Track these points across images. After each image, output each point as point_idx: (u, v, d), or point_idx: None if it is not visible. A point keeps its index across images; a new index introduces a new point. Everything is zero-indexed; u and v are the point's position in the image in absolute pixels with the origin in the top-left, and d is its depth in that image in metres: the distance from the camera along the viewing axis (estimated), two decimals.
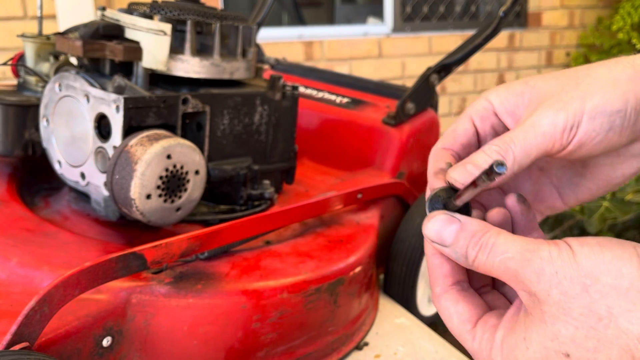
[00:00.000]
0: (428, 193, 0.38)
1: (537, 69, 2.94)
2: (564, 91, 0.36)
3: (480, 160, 0.35)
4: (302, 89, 1.14)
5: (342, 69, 2.40)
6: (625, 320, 0.27)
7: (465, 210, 0.36)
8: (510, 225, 0.38)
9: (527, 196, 0.40)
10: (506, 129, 0.38)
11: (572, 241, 0.30)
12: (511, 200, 0.38)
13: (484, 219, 0.37)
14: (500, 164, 0.30)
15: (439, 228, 0.34)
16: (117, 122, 0.64)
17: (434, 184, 0.37)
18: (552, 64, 3.00)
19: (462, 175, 0.35)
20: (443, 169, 0.37)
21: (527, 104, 0.37)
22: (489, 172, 0.32)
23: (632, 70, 0.35)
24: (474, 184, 0.33)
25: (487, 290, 0.38)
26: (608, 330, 0.28)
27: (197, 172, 0.66)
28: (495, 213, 0.37)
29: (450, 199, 0.36)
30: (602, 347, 0.28)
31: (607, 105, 0.34)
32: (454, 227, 0.33)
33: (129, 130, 0.64)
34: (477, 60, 2.66)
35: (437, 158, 0.39)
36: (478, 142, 0.39)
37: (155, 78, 0.73)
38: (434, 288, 0.36)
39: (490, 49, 2.74)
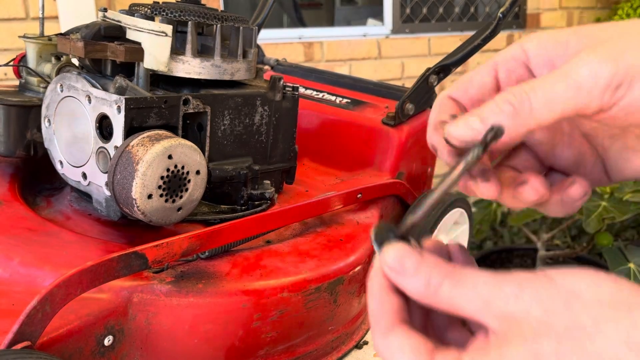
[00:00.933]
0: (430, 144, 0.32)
1: None
2: (622, 39, 0.28)
3: (488, 113, 0.29)
4: (302, 90, 1.14)
5: (342, 69, 2.40)
6: (613, 329, 0.26)
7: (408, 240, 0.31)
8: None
9: (568, 166, 0.34)
10: None
11: (538, 272, 0.28)
12: (455, 250, 0.34)
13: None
14: (498, 130, 0.26)
15: (400, 257, 0.30)
16: (118, 123, 0.65)
17: (432, 140, 0.32)
18: None
19: (463, 131, 0.29)
20: (445, 122, 0.32)
21: (571, 56, 0.29)
22: (484, 139, 0.27)
23: None
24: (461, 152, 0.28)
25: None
26: (596, 342, 0.26)
27: (198, 172, 0.66)
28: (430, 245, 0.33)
29: (397, 230, 0.31)
30: (588, 359, 0.26)
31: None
32: (415, 257, 0.29)
33: (131, 130, 0.65)
34: (476, 61, 2.67)
35: (441, 108, 0.33)
36: None
37: (157, 79, 0.73)
38: (379, 325, 0.30)
39: (489, 49, 2.75)
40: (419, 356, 0.29)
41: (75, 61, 0.83)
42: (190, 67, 0.72)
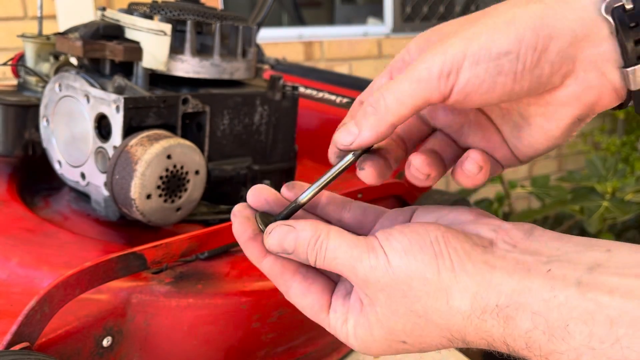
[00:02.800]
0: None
1: None
2: (455, 33, 0.32)
3: (359, 117, 0.34)
4: (302, 89, 1.14)
5: (342, 69, 2.40)
6: (437, 317, 0.32)
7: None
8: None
9: (482, 147, 0.38)
10: None
11: (384, 244, 0.33)
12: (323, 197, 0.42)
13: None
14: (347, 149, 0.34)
15: (279, 240, 0.35)
16: (117, 122, 0.64)
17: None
18: None
19: (344, 137, 0.35)
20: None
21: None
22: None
23: (540, 5, 0.31)
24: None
25: None
26: (428, 325, 0.33)
27: (197, 172, 0.66)
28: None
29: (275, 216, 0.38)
30: (426, 334, 0.33)
31: (492, 48, 0.30)
32: (292, 236, 0.35)
33: (129, 130, 0.65)
34: None
35: (352, 110, 0.39)
36: None
37: (155, 78, 0.73)
38: (279, 287, 0.38)
39: None
40: (316, 315, 0.37)
41: (73, 60, 0.82)
42: (189, 67, 0.72)
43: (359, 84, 1.16)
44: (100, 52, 0.68)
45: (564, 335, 0.28)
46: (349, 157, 0.36)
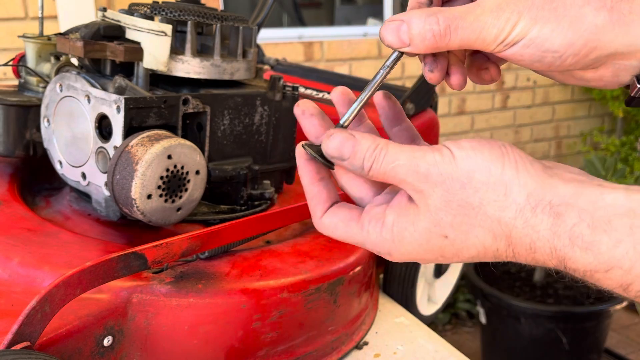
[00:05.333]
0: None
1: None
2: (532, 4, 0.36)
3: (418, 26, 0.37)
4: (302, 90, 1.14)
5: (342, 69, 2.40)
6: (491, 208, 0.35)
7: None
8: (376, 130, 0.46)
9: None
10: None
11: (451, 145, 0.36)
12: (378, 97, 0.46)
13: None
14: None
15: (338, 144, 0.38)
16: (117, 123, 0.65)
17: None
18: None
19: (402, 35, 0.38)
20: (423, 2, 0.41)
21: None
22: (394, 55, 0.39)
23: (606, 17, 0.35)
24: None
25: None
26: (478, 216, 0.35)
27: (197, 172, 0.66)
28: (362, 128, 0.46)
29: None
30: (472, 229, 0.35)
31: (546, 42, 0.36)
32: (350, 143, 0.38)
33: (130, 130, 0.65)
34: None
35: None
36: None
37: (156, 78, 0.73)
38: (315, 213, 0.41)
39: None
40: (348, 225, 0.40)
41: (74, 61, 0.83)
42: (189, 67, 0.72)
43: (359, 85, 1.17)
44: (101, 52, 0.68)
45: (606, 228, 0.32)
46: (395, 55, 0.39)
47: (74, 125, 0.71)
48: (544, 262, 0.35)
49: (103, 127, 0.68)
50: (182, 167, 0.64)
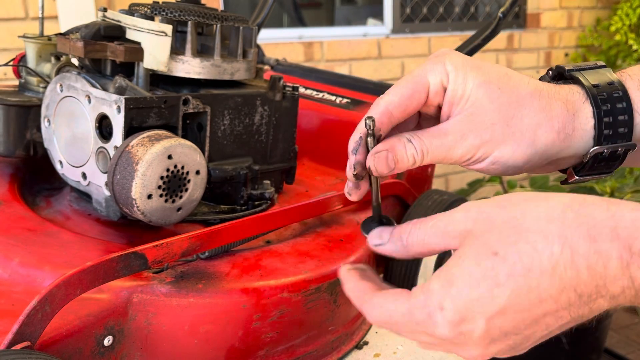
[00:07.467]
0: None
1: (536, 69, 2.95)
2: (500, 121, 0.42)
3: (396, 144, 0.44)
4: (302, 90, 1.14)
5: (342, 69, 2.40)
6: (535, 213, 0.35)
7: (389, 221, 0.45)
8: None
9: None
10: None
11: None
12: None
13: None
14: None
15: (379, 233, 0.43)
16: (118, 123, 0.65)
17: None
18: (551, 65, 3.00)
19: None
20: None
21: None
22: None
23: (555, 135, 0.43)
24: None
25: None
26: (525, 224, 0.35)
27: (197, 172, 0.66)
28: None
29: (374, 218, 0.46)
30: (520, 236, 0.34)
31: (509, 159, 0.43)
32: (388, 230, 0.42)
33: (130, 130, 0.65)
34: None
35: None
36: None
37: (156, 79, 0.73)
38: (363, 305, 0.40)
39: (489, 49, 2.75)
40: (398, 301, 0.38)
41: (74, 61, 0.83)
42: (190, 67, 0.72)
43: (359, 85, 1.17)
44: (102, 52, 0.68)
45: None
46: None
47: (75, 125, 0.71)
48: (607, 255, 0.32)
49: (103, 127, 0.68)
50: (183, 167, 0.64)
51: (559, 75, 0.47)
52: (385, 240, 0.42)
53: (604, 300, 0.34)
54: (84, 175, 0.71)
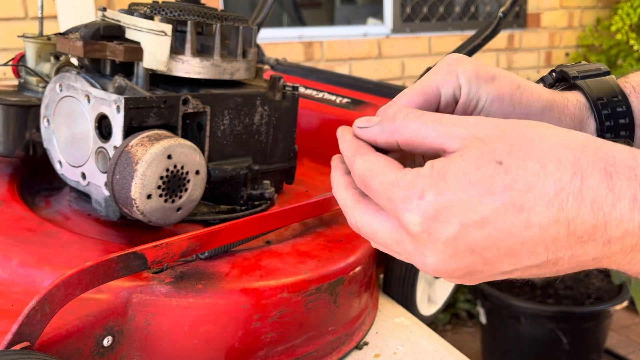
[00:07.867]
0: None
1: (537, 69, 2.95)
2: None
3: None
4: (302, 90, 1.14)
5: (342, 69, 2.40)
6: (555, 139, 0.32)
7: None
8: None
9: None
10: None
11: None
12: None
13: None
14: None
15: (368, 117, 0.40)
16: (117, 123, 0.65)
17: None
18: (552, 65, 3.00)
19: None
20: None
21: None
22: None
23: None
24: None
25: None
26: (540, 144, 0.32)
27: (197, 172, 0.66)
28: None
29: None
30: (531, 154, 0.31)
31: None
32: (378, 115, 0.40)
33: (130, 130, 0.65)
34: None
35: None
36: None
37: (156, 78, 0.73)
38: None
39: (490, 49, 2.75)
40: (385, 173, 0.35)
41: (74, 61, 0.83)
42: (189, 67, 0.72)
43: (359, 85, 1.16)
44: (101, 52, 0.68)
45: None
46: None
47: (74, 125, 0.71)
48: (619, 193, 0.30)
49: (103, 127, 0.68)
50: (182, 167, 0.64)
51: (562, 79, 0.47)
52: (373, 123, 0.38)
53: (594, 246, 0.31)
54: (84, 175, 0.71)
